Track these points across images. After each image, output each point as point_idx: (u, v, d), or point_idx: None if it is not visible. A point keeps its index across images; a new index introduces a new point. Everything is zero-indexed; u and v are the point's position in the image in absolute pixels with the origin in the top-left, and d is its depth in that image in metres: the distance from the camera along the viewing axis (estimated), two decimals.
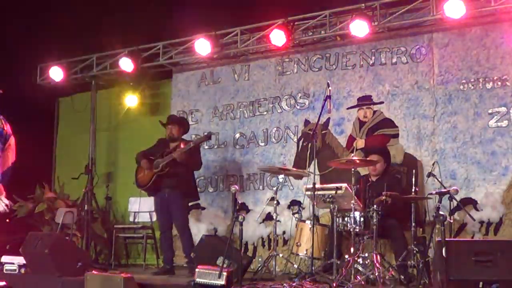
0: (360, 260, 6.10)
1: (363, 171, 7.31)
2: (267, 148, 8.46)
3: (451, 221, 6.32)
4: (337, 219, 6.23)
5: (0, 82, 7.84)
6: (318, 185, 6.58)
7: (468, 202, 6.97)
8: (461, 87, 7.28)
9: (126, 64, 8.93)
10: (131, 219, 8.93)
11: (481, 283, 5.04)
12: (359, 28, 7.38)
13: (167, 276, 6.88)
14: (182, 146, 7.13)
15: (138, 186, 7.44)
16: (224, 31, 8.49)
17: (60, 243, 6.57)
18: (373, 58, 7.87)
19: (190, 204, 7.75)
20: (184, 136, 7.53)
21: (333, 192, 6.22)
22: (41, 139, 10.35)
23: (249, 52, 8.66)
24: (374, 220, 6.10)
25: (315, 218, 6.63)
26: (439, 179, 6.50)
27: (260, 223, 8.11)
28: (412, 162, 7.34)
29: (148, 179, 7.22)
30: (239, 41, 8.41)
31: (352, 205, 6.11)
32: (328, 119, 7.93)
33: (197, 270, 5.73)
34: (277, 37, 7.90)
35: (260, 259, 7.49)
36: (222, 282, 5.48)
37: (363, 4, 7.40)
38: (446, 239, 5.17)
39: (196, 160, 7.34)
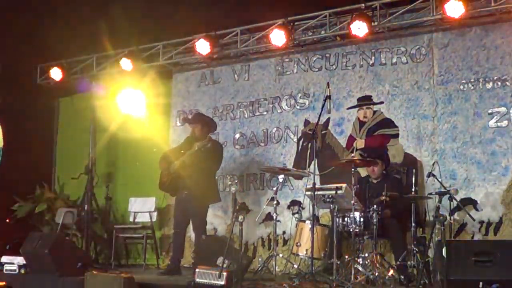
0: (360, 260, 6.11)
1: (363, 172, 7.30)
2: (267, 148, 8.45)
3: (451, 221, 6.32)
4: (337, 219, 6.23)
5: (0, 82, 7.85)
6: (318, 185, 6.58)
7: (468, 202, 6.96)
8: (461, 87, 7.28)
9: (126, 64, 8.93)
10: (131, 219, 8.93)
11: (481, 283, 5.05)
12: (359, 28, 7.37)
13: (167, 276, 6.87)
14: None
15: (159, 187, 7.47)
16: (224, 31, 8.50)
17: (60, 243, 6.56)
18: (373, 58, 7.86)
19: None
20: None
21: (333, 192, 6.22)
22: (41, 139, 10.34)
23: (249, 52, 8.65)
24: (374, 220, 6.10)
25: (315, 218, 6.62)
26: (439, 179, 6.50)
27: (260, 223, 8.09)
28: (412, 162, 7.34)
29: (166, 180, 7.28)
30: (239, 41, 8.41)
31: (352, 205, 6.11)
32: (328, 119, 7.93)
33: (197, 270, 5.73)
34: (277, 37, 7.91)
35: (260, 259, 7.48)
36: (222, 282, 5.48)
37: (363, 4, 7.40)
38: (446, 239, 5.18)
39: (210, 162, 7.19)
